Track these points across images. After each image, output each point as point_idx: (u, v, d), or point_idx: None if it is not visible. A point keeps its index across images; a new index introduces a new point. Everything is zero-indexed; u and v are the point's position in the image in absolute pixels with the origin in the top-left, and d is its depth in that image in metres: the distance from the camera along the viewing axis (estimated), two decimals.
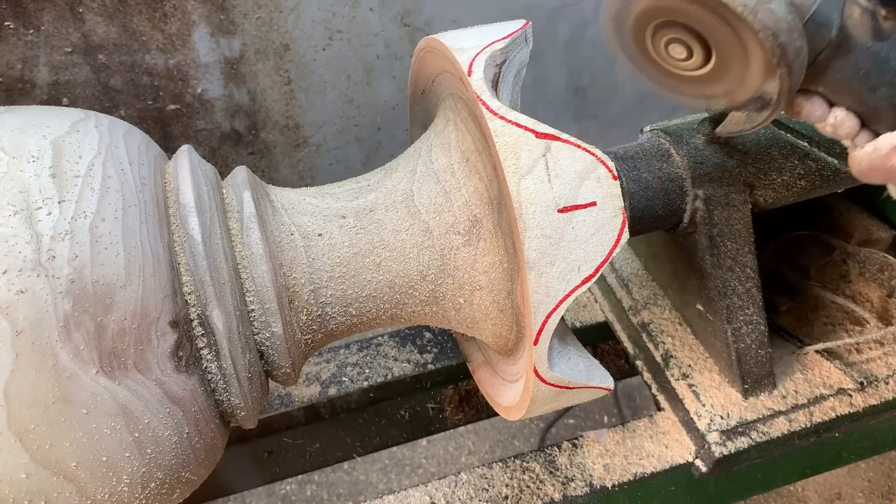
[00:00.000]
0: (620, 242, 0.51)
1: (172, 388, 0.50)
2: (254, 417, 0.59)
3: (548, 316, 0.50)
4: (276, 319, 0.55)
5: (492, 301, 0.59)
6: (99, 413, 0.46)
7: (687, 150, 0.72)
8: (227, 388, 0.54)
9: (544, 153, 0.50)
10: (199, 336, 0.52)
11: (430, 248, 0.58)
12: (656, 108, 2.00)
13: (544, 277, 0.50)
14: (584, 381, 0.56)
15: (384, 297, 0.60)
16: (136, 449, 0.48)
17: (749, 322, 0.76)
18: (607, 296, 0.97)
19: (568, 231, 0.50)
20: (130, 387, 0.47)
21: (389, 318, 0.62)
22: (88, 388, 0.45)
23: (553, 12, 1.68)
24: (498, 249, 0.57)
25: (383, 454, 1.67)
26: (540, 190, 0.50)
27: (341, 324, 0.60)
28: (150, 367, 0.48)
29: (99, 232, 0.47)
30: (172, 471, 0.51)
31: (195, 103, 1.27)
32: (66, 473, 0.46)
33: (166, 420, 0.50)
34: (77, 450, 0.45)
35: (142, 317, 0.48)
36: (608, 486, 0.76)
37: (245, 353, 0.55)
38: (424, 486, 0.77)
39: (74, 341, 0.44)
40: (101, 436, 0.46)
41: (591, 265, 0.51)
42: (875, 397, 0.80)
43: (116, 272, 0.47)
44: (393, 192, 0.61)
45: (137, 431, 0.48)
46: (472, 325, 0.62)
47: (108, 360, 0.46)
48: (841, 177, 0.76)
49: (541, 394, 0.56)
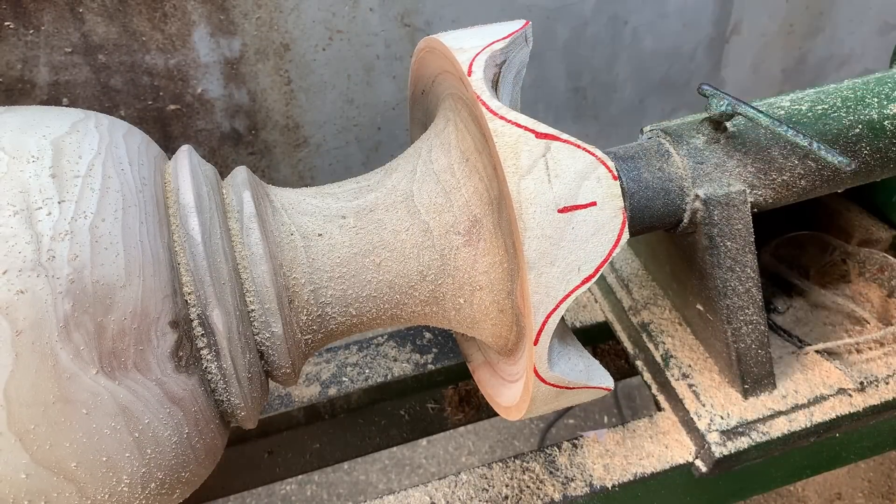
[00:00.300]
0: (620, 242, 0.51)
1: (172, 388, 0.50)
2: (254, 417, 0.59)
3: (548, 316, 0.50)
4: (276, 320, 0.55)
5: (492, 301, 0.59)
6: (99, 413, 0.46)
7: (687, 150, 0.72)
8: (227, 388, 0.54)
9: (544, 153, 0.50)
10: (199, 336, 0.52)
11: (430, 248, 0.58)
12: (656, 108, 2.00)
13: (544, 278, 0.50)
14: (584, 382, 0.56)
15: (384, 298, 0.60)
16: (136, 449, 0.48)
17: (749, 322, 0.76)
18: (607, 296, 0.97)
19: (568, 231, 0.50)
20: (130, 387, 0.47)
21: (390, 318, 0.62)
22: (88, 389, 0.45)
23: (553, 12, 1.68)
24: (498, 249, 0.57)
25: (383, 454, 1.67)
26: (540, 190, 0.50)
27: (341, 324, 0.60)
28: (150, 368, 0.48)
29: (99, 232, 0.47)
30: (172, 471, 0.51)
31: (195, 103, 1.27)
32: (66, 474, 0.46)
33: (166, 420, 0.50)
34: (77, 450, 0.45)
35: (142, 317, 0.48)
36: (608, 486, 0.76)
37: (245, 353, 0.55)
38: (424, 486, 0.77)
39: (74, 341, 0.44)
40: (101, 436, 0.46)
41: (591, 265, 0.51)
42: (875, 397, 0.80)
43: (116, 272, 0.47)
44: (393, 192, 0.61)
45: (137, 432, 0.48)
46: (473, 326, 0.62)
47: (108, 361, 0.46)
48: (841, 177, 0.76)
49: (541, 394, 0.56)
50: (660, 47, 1.87)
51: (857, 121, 0.76)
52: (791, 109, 0.77)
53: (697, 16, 1.84)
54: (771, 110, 0.76)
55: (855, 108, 0.77)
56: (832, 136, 0.75)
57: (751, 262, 0.73)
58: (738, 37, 1.94)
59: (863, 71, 0.79)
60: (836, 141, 0.75)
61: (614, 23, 1.77)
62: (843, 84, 0.81)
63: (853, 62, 2.10)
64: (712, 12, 1.85)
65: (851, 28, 2.02)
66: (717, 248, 0.72)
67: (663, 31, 1.84)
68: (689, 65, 1.94)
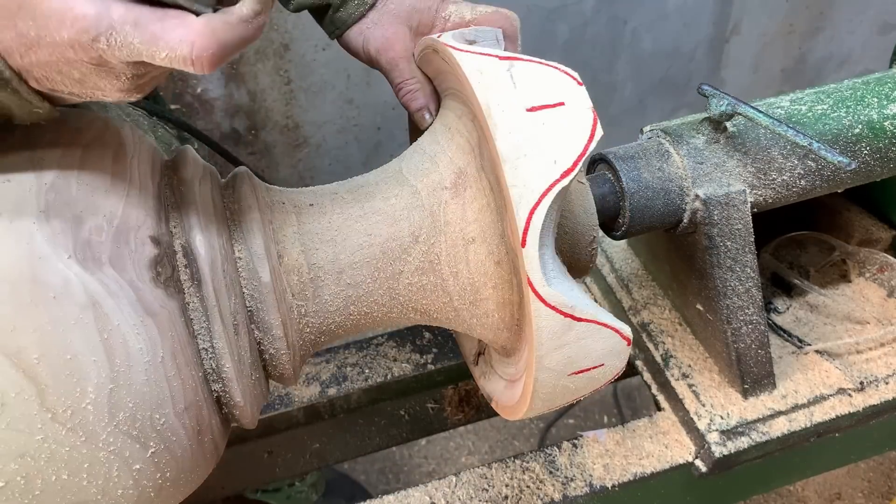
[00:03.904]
0: (595, 137, 0.51)
1: (148, 297, 0.48)
2: (249, 403, 0.57)
3: (531, 211, 0.49)
4: (263, 267, 0.55)
5: (487, 253, 0.58)
6: (67, 301, 0.44)
7: (687, 150, 0.72)
8: (209, 327, 0.52)
9: (508, 69, 0.53)
10: (183, 267, 0.51)
11: (420, 208, 0.59)
12: (656, 108, 2.00)
13: (521, 171, 0.49)
14: (594, 314, 0.52)
15: (378, 265, 0.59)
16: (103, 352, 0.45)
17: (749, 322, 0.76)
18: (607, 296, 0.97)
19: (539, 127, 0.50)
20: (102, 280, 0.46)
21: (386, 294, 0.61)
22: (59, 273, 0.44)
23: (553, 12, 1.68)
24: (484, 192, 0.58)
25: (383, 454, 1.67)
26: (507, 95, 0.51)
27: (336, 294, 0.59)
28: (126, 268, 0.47)
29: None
30: (144, 402, 0.47)
31: (195, 103, 1.27)
32: (26, 368, 0.43)
33: (139, 330, 0.47)
34: (41, 339, 0.43)
35: (122, 219, 0.48)
36: (608, 486, 0.76)
37: (230, 296, 0.53)
38: (424, 486, 0.77)
39: (52, 226, 0.45)
40: (67, 327, 0.44)
41: (568, 159, 0.50)
42: (875, 397, 0.80)
43: (102, 179, 0.49)
44: (383, 172, 0.63)
45: (107, 332, 0.45)
46: (474, 295, 0.60)
47: (83, 250, 0.46)
48: (841, 177, 0.76)
49: (545, 324, 0.51)
50: (660, 47, 1.87)
51: (857, 121, 0.76)
52: (791, 109, 0.77)
53: (697, 16, 1.84)
54: (771, 110, 0.76)
55: (855, 108, 0.77)
56: (832, 135, 0.75)
57: (751, 262, 0.73)
58: (738, 37, 1.94)
59: (863, 71, 0.79)
60: (836, 141, 0.75)
61: (614, 23, 1.77)
62: (843, 84, 0.81)
63: (853, 62, 2.10)
64: (712, 12, 1.85)
65: (851, 28, 2.02)
66: (717, 248, 0.72)
67: (663, 31, 1.84)
68: (689, 65, 1.94)
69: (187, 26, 0.41)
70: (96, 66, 0.42)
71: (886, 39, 2.05)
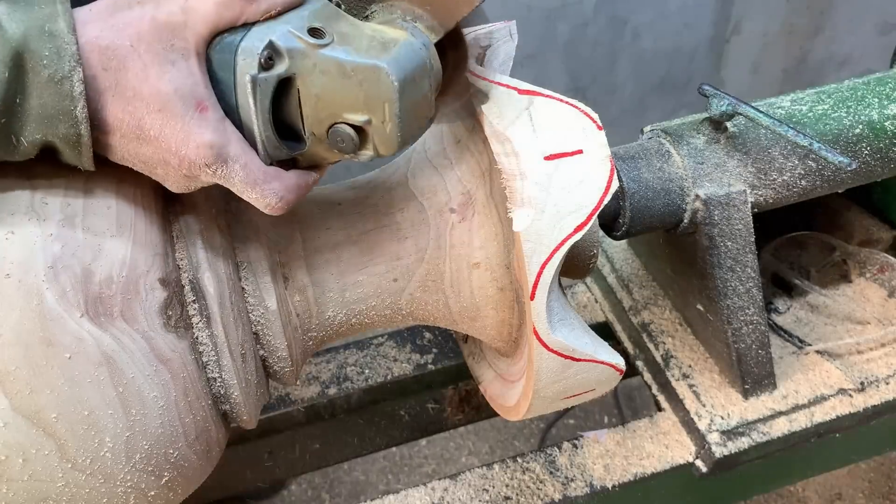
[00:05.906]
0: (610, 190, 0.50)
1: (160, 345, 0.48)
2: (250, 406, 0.57)
3: (542, 266, 0.49)
4: (270, 295, 0.55)
5: (490, 279, 0.58)
6: (82, 359, 0.44)
7: (687, 150, 0.72)
8: (218, 360, 0.52)
9: (527, 106, 0.51)
10: (191, 302, 0.51)
11: (426, 226, 0.58)
12: (656, 108, 2.00)
13: (535, 225, 0.49)
14: (591, 354, 0.54)
15: (381, 283, 0.59)
16: (119, 406, 0.46)
17: (749, 322, 0.76)
18: (607, 296, 0.97)
19: (556, 178, 0.49)
20: (115, 336, 0.45)
21: (389, 308, 0.61)
22: (72, 332, 0.44)
23: (553, 12, 1.68)
24: (492, 221, 0.57)
25: (383, 454, 1.66)
26: (525, 139, 0.50)
27: (338, 303, 0.59)
28: (137, 318, 0.47)
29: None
30: (159, 442, 0.49)
31: None
32: (45, 426, 0.43)
33: (152, 378, 0.47)
34: (58, 399, 0.43)
35: (131, 267, 0.47)
36: (608, 486, 0.76)
37: (238, 326, 0.53)
38: (424, 486, 0.77)
39: (61, 283, 0.44)
40: (84, 386, 0.44)
41: (582, 213, 0.50)
42: (875, 397, 0.80)
43: (108, 223, 0.47)
44: (389, 178, 0.62)
45: (122, 386, 0.46)
46: (475, 313, 0.61)
47: (94, 306, 0.45)
48: (841, 177, 0.76)
49: (545, 366, 0.53)
50: (660, 47, 1.87)
51: (857, 121, 0.76)
52: (791, 109, 0.77)
53: (697, 16, 1.84)
54: (771, 110, 0.76)
55: (855, 108, 0.77)
56: (832, 136, 0.75)
57: (751, 262, 0.73)
58: (738, 37, 1.94)
59: (863, 71, 0.79)
60: (837, 141, 0.75)
61: (614, 23, 1.77)
62: (843, 84, 0.81)
63: (853, 62, 2.10)
64: (712, 12, 1.85)
65: (851, 28, 2.02)
66: (717, 248, 0.72)
67: (663, 31, 1.83)
68: (689, 65, 1.94)
69: (283, 181, 0.45)
70: (186, 177, 0.44)
71: (887, 39, 2.04)
